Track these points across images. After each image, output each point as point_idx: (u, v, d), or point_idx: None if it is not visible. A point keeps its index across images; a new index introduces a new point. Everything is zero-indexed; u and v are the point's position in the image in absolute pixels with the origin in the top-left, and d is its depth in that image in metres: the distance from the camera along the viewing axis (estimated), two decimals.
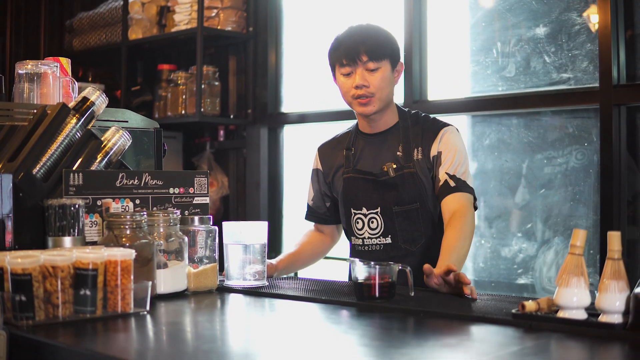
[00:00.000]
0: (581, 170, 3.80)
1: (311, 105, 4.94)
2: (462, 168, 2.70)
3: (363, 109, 2.76)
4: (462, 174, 2.69)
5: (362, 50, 2.72)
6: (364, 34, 2.77)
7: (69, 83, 2.60)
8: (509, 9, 4.05)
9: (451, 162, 2.69)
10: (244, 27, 5.17)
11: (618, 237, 1.73)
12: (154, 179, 2.40)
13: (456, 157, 2.70)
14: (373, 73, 2.73)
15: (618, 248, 1.73)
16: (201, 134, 5.48)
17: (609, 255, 1.74)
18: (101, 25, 5.71)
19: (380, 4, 4.66)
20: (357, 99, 2.75)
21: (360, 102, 2.75)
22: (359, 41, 2.74)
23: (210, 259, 2.37)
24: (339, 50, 2.78)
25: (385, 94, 2.76)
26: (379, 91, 2.74)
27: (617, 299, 1.71)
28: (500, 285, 4.08)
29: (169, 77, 5.30)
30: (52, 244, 2.09)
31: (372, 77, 2.73)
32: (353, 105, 2.79)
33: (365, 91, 2.73)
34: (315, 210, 3.01)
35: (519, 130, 4.03)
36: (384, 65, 2.74)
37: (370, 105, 2.75)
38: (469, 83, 4.27)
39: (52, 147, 2.27)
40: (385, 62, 2.74)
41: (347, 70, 2.75)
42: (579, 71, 3.76)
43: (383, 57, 2.74)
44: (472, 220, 2.63)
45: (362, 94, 2.73)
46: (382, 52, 2.74)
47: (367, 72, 2.73)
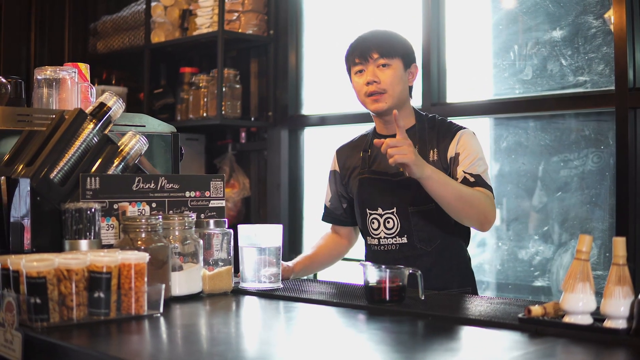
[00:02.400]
0: (597, 173, 3.80)
1: (331, 107, 4.96)
2: (480, 168, 2.72)
3: (375, 105, 2.79)
4: (480, 172, 2.70)
5: (373, 48, 2.79)
6: (375, 34, 2.85)
7: (87, 88, 2.64)
8: (525, 12, 4.05)
9: (470, 162, 2.71)
10: (265, 30, 5.21)
11: (623, 243, 1.75)
12: (170, 183, 2.43)
13: (476, 158, 2.72)
14: (384, 69, 2.78)
15: (623, 254, 1.74)
16: (223, 136, 5.52)
17: (614, 261, 1.75)
18: (124, 28, 5.77)
19: (399, 6, 4.68)
20: (369, 96, 2.79)
21: (372, 99, 2.79)
22: (370, 40, 2.82)
23: (225, 262, 2.40)
24: (353, 53, 2.84)
25: (398, 91, 2.79)
26: (391, 87, 2.78)
27: (621, 304, 1.72)
28: (517, 288, 4.09)
29: (190, 80, 5.35)
30: (69, 247, 2.13)
31: (383, 73, 2.78)
32: (366, 104, 2.83)
33: (376, 87, 2.77)
34: (332, 211, 3.04)
35: (535, 133, 4.03)
36: (396, 63, 2.79)
37: (382, 101, 2.79)
38: (487, 86, 4.28)
39: (70, 151, 2.31)
40: (396, 61, 2.79)
41: (359, 68, 2.82)
42: (595, 74, 3.76)
43: (394, 55, 2.79)
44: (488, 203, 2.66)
45: (373, 90, 2.78)
46: (392, 49, 2.79)
47: (378, 69, 2.78)
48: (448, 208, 2.62)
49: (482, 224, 2.68)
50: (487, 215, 2.65)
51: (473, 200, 2.62)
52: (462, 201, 2.60)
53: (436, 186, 2.56)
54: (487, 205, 2.65)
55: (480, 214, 2.64)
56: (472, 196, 2.62)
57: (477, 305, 2.15)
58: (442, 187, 2.57)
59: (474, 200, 2.62)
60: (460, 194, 2.60)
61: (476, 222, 2.68)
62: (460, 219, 2.68)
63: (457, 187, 2.62)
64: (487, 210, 2.65)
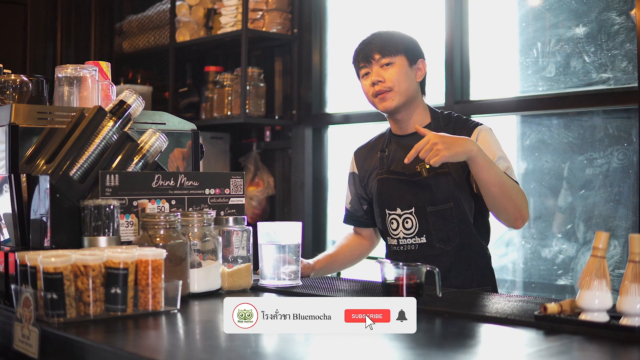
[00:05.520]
0: (621, 171, 3.77)
1: (355, 105, 4.95)
2: (504, 163, 2.70)
3: (383, 104, 2.80)
4: (505, 169, 2.68)
5: (375, 49, 2.81)
6: (376, 35, 2.86)
7: (108, 86, 2.66)
8: (549, 9, 4.03)
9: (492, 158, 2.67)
10: (288, 29, 5.22)
11: (639, 240, 1.73)
12: (190, 180, 2.44)
13: (496, 157, 2.69)
14: (387, 68, 2.79)
15: (639, 251, 1.73)
16: (248, 134, 5.54)
17: (630, 258, 1.74)
18: (150, 28, 5.81)
19: (422, 4, 4.67)
20: (376, 96, 2.80)
21: (379, 98, 2.80)
22: (371, 42, 2.84)
23: (244, 259, 2.41)
24: (357, 57, 2.88)
25: (404, 88, 2.79)
26: (396, 85, 2.78)
27: (637, 301, 1.70)
28: (540, 286, 4.07)
29: (215, 78, 5.37)
30: (88, 243, 2.15)
31: (387, 72, 2.79)
32: (375, 104, 2.83)
33: (381, 86, 2.78)
34: (353, 213, 3.04)
35: (559, 130, 4.01)
36: (399, 60, 2.79)
37: (389, 100, 2.79)
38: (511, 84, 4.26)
39: (89, 149, 2.33)
40: (399, 58, 2.80)
41: (365, 71, 2.84)
42: (619, 71, 3.73)
43: (395, 53, 2.80)
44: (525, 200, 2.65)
45: (379, 90, 2.78)
46: (393, 47, 2.80)
47: (382, 69, 2.80)
48: (487, 195, 2.60)
49: (516, 220, 2.65)
50: (522, 211, 2.63)
51: (512, 193, 2.60)
52: (503, 190, 2.58)
53: (479, 169, 2.54)
54: (523, 202, 2.63)
55: (517, 209, 2.62)
56: (512, 188, 2.60)
57: (494, 302, 2.14)
58: (485, 171, 2.55)
59: (513, 192, 2.60)
60: (502, 182, 2.58)
61: (511, 216, 2.64)
62: (497, 210, 2.65)
63: (501, 174, 2.59)
64: (523, 206, 2.63)
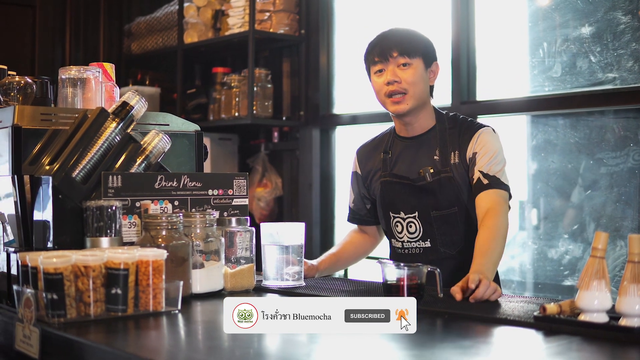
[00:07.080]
0: (627, 172, 3.76)
1: (363, 106, 4.95)
2: (497, 167, 2.66)
3: (396, 107, 2.73)
4: (496, 172, 2.65)
5: (393, 46, 2.72)
6: (395, 33, 2.79)
7: (112, 88, 2.67)
8: (554, 9, 4.02)
9: (487, 161, 2.66)
10: (296, 30, 5.22)
11: (638, 240, 1.73)
12: (193, 181, 2.44)
13: (493, 156, 2.66)
14: (405, 69, 2.71)
15: (638, 251, 1.72)
16: (256, 135, 5.54)
17: (629, 258, 1.73)
18: (158, 29, 5.82)
19: (428, 3, 4.66)
20: (390, 97, 2.73)
21: (393, 100, 2.73)
22: (390, 38, 2.76)
23: (247, 260, 2.41)
24: (372, 51, 2.79)
25: (419, 91, 2.73)
26: (412, 87, 2.71)
27: (636, 302, 1.70)
28: (546, 287, 4.05)
29: (223, 79, 5.38)
30: (90, 244, 2.15)
31: (404, 72, 2.71)
32: (386, 105, 2.76)
33: (397, 87, 2.71)
34: (356, 212, 3.02)
35: (565, 130, 4.00)
36: (416, 62, 2.72)
37: (404, 103, 2.72)
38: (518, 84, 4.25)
39: (92, 150, 2.33)
40: (417, 60, 2.73)
41: (379, 67, 2.75)
42: (625, 71, 3.72)
43: (414, 54, 2.72)
44: (505, 218, 2.59)
45: (394, 90, 2.71)
46: (413, 48, 2.73)
47: (398, 68, 2.72)
48: None
49: None
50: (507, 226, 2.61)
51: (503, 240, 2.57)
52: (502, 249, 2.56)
53: None
54: (504, 223, 2.59)
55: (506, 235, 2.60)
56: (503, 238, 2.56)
57: (494, 303, 2.14)
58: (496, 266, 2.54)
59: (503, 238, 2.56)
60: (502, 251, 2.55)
61: None
62: None
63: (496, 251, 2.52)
64: (506, 226, 2.60)
